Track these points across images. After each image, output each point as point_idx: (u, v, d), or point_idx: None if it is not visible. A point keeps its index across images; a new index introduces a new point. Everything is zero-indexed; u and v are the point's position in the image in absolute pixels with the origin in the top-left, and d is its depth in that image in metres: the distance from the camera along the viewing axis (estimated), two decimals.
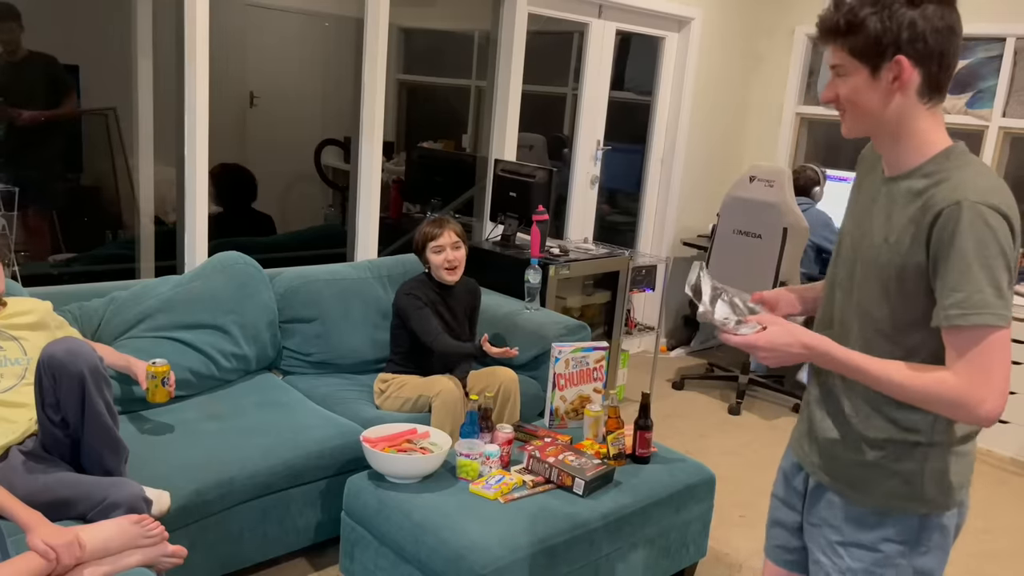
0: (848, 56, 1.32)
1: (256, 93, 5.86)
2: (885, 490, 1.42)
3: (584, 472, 2.32)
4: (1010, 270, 1.28)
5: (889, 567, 1.43)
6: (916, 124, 1.33)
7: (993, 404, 1.28)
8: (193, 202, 3.14)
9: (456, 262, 2.94)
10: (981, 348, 1.28)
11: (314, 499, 2.53)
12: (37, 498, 1.94)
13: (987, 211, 1.26)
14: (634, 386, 4.40)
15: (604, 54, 4.52)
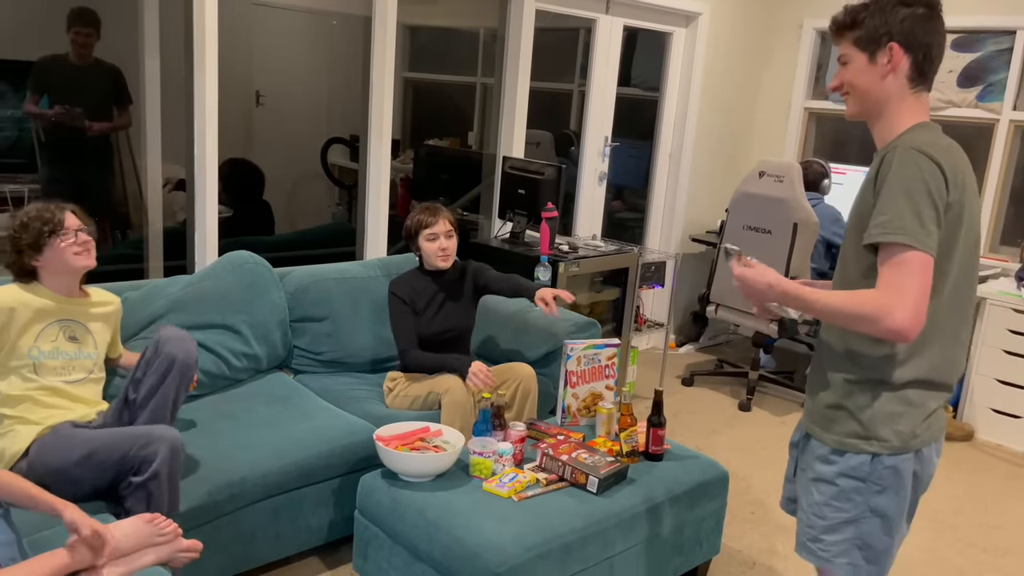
0: (852, 46, 1.60)
1: (262, 92, 5.87)
2: (844, 429, 1.62)
3: (598, 470, 2.31)
4: (936, 208, 1.47)
5: (846, 501, 1.62)
6: (902, 105, 1.59)
7: (902, 316, 1.44)
8: (203, 201, 3.14)
9: (450, 251, 2.91)
10: (897, 265, 1.46)
11: (326, 498, 2.53)
12: (74, 451, 2.06)
13: (918, 155, 1.48)
14: (644, 383, 4.39)
15: (612, 50, 4.50)
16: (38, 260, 2.22)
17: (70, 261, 2.24)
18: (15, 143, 4.66)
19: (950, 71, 4.51)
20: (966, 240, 1.57)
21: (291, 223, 5.93)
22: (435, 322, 2.90)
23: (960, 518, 3.25)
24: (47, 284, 2.25)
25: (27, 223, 2.20)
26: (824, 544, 1.66)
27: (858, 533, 1.63)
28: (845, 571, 1.66)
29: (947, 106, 4.55)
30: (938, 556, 2.96)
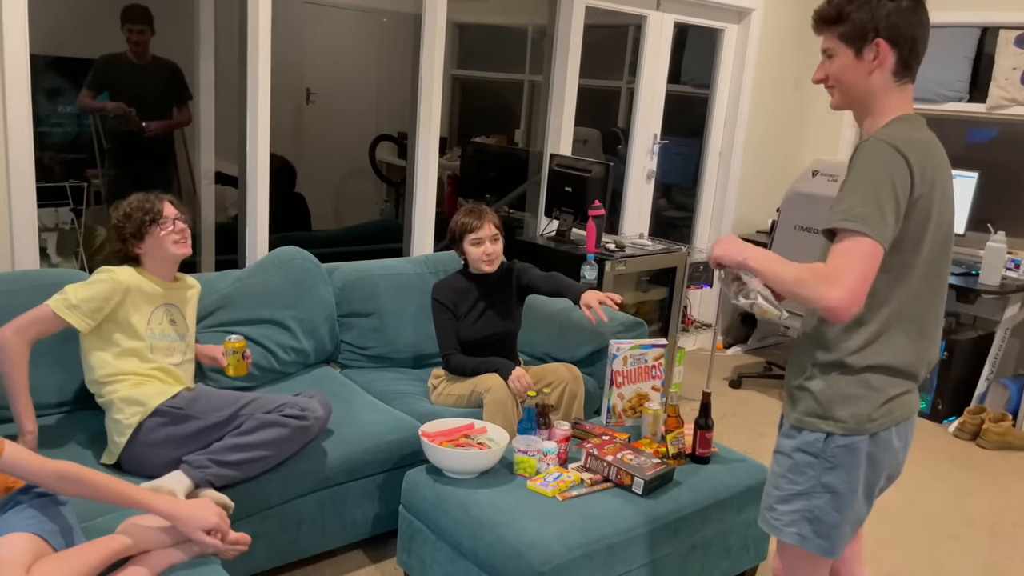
0: (838, 41, 1.61)
1: (313, 90, 5.95)
2: (804, 408, 1.69)
3: (643, 471, 2.28)
4: (897, 200, 1.50)
5: (799, 474, 1.69)
6: (887, 99, 1.61)
7: (840, 295, 1.47)
8: (255, 197, 3.19)
9: (495, 255, 2.86)
10: (846, 248, 1.50)
11: (371, 492, 2.55)
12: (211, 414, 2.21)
13: (887, 147, 1.51)
14: (690, 384, 4.34)
15: (662, 47, 4.45)
16: (140, 247, 2.34)
17: (169, 249, 2.35)
18: (75, 139, 4.80)
19: (1014, 68, 4.36)
20: (935, 235, 1.60)
21: (339, 219, 6.00)
22: (478, 326, 2.88)
23: (1019, 530, 3.14)
24: (149, 270, 2.36)
25: (129, 213, 2.32)
26: (777, 513, 1.74)
27: (808, 506, 1.69)
28: (793, 540, 1.72)
29: (1011, 104, 4.40)
30: (994, 568, 2.87)
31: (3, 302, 2.37)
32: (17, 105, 2.54)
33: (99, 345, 2.26)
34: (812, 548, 1.71)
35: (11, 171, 2.56)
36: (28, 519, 1.62)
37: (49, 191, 4.29)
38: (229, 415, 2.23)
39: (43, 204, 4.22)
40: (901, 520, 3.15)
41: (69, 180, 4.37)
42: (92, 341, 2.26)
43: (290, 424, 2.25)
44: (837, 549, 1.72)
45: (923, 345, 1.67)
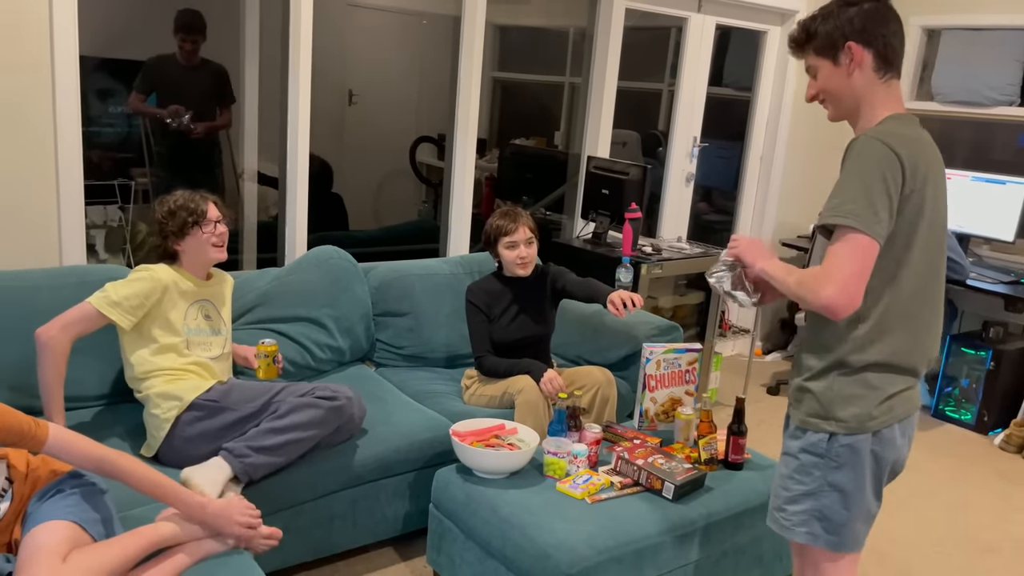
0: (814, 56, 1.69)
1: (355, 91, 6.02)
2: (807, 409, 1.72)
3: (674, 476, 2.27)
4: (890, 196, 1.55)
5: (806, 475, 1.72)
6: (874, 96, 1.66)
7: (833, 292, 1.53)
8: (295, 197, 3.24)
9: (529, 259, 2.86)
10: (840, 245, 1.55)
11: (403, 490, 2.57)
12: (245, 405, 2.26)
13: (878, 144, 1.56)
14: (727, 390, 4.29)
15: (703, 49, 4.42)
16: (180, 245, 2.39)
17: (208, 253, 2.41)
18: (125, 139, 4.93)
19: None
20: (929, 232, 1.64)
21: (379, 220, 6.05)
22: (511, 328, 2.89)
23: None
24: (186, 267, 2.41)
25: (174, 211, 2.37)
26: (786, 514, 1.77)
27: (817, 505, 1.72)
28: (804, 539, 1.75)
29: None
30: None
31: (51, 297, 2.44)
32: (67, 106, 2.61)
33: (138, 342, 2.32)
34: (824, 545, 1.73)
35: (60, 170, 2.64)
36: (69, 507, 1.67)
37: (98, 189, 4.41)
38: (263, 404, 2.27)
39: (92, 202, 4.36)
40: (942, 532, 3.08)
41: (117, 179, 4.49)
42: (132, 338, 2.32)
43: (323, 405, 2.28)
44: (849, 545, 1.74)
45: (922, 340, 1.70)
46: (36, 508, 1.66)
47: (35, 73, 2.55)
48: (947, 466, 3.69)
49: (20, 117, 2.55)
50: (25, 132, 2.57)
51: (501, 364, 2.81)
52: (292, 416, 2.24)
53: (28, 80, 2.55)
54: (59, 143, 2.62)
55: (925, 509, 3.26)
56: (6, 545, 1.65)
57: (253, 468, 2.19)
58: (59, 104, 2.60)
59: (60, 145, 2.62)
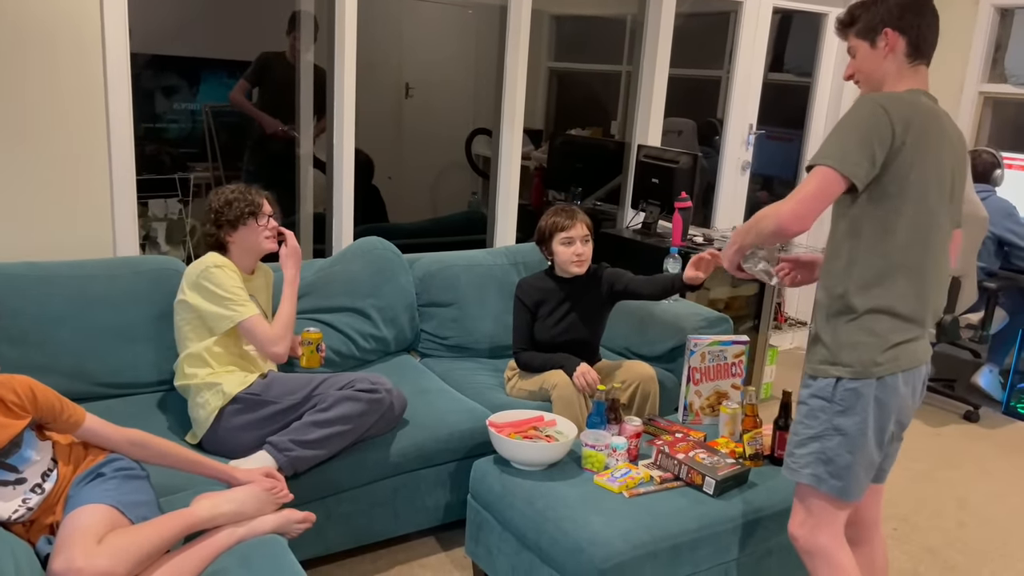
0: (855, 38, 1.87)
1: (411, 84, 6.05)
2: (817, 357, 1.86)
3: (715, 471, 2.21)
4: (870, 144, 1.69)
5: (813, 419, 1.85)
6: (901, 79, 1.83)
7: (787, 208, 1.70)
8: (340, 189, 3.27)
9: (585, 257, 2.79)
10: (807, 177, 1.72)
11: (444, 480, 2.57)
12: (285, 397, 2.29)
13: (870, 101, 1.73)
14: (782, 385, 4.17)
15: (759, 34, 4.29)
16: (232, 236, 2.42)
17: (261, 244, 2.45)
18: (189, 134, 5.06)
19: None
20: (926, 188, 1.75)
21: (435, 211, 6.09)
22: (557, 330, 2.83)
23: None
24: (235, 258, 2.44)
25: (231, 201, 2.40)
26: (795, 457, 1.89)
27: (822, 448, 1.84)
28: (809, 480, 1.86)
29: None
30: None
31: (105, 287, 2.53)
32: (118, 101, 2.68)
33: (202, 332, 2.35)
34: (827, 488, 1.84)
35: (113, 164, 2.72)
36: (108, 491, 1.72)
37: (159, 183, 4.55)
38: (303, 396, 2.29)
39: (154, 196, 4.49)
40: (1007, 533, 2.93)
41: (177, 173, 4.62)
42: (197, 327, 2.35)
43: (363, 397, 2.30)
44: (851, 491, 1.85)
45: (924, 292, 1.80)
46: (76, 491, 1.71)
47: (87, 68, 2.63)
48: (1019, 464, 3.52)
49: (74, 112, 2.63)
50: (79, 127, 2.65)
51: (536, 359, 2.78)
52: (334, 410, 2.26)
53: (81, 75, 2.63)
54: (112, 138, 2.69)
55: (994, 513, 3.11)
56: (48, 527, 1.71)
57: (297, 461, 2.22)
58: (111, 100, 2.67)
59: (113, 140, 2.70)
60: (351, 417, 2.28)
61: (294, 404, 2.29)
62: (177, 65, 4.94)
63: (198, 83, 5.07)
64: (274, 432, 2.26)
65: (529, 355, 2.80)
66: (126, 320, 2.53)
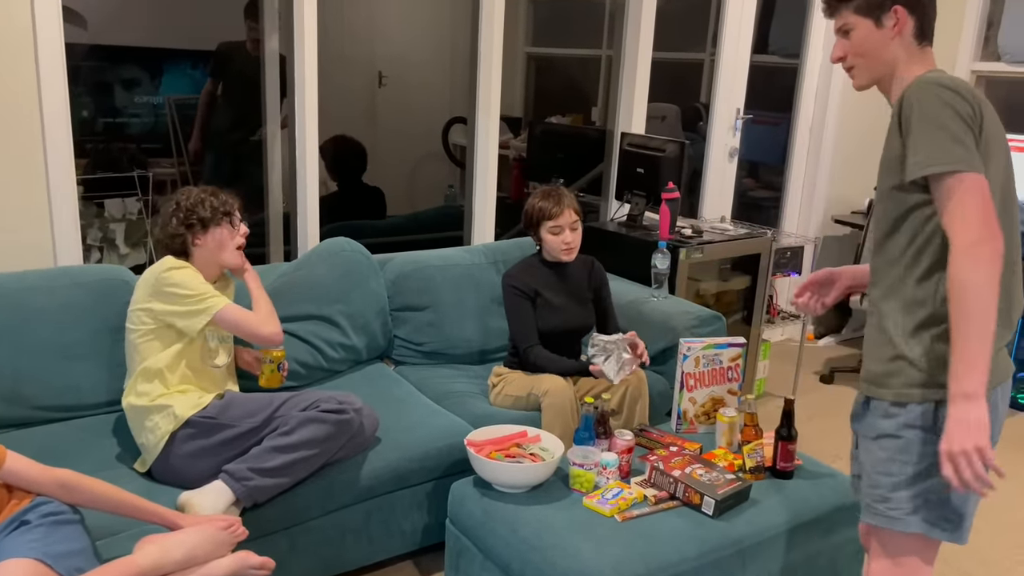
0: (853, 15, 1.61)
1: (384, 73, 5.83)
2: (903, 380, 1.56)
3: (715, 489, 2.03)
4: (970, 127, 1.46)
5: (912, 454, 1.55)
6: (911, 64, 1.60)
7: (975, 237, 1.41)
8: (304, 186, 3.05)
9: (574, 245, 2.65)
10: (950, 193, 1.44)
11: (421, 501, 2.38)
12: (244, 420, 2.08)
13: (935, 86, 1.48)
14: (776, 380, 4.02)
15: (744, 14, 4.10)
16: (200, 240, 2.19)
17: (230, 252, 2.25)
18: (152, 129, 4.81)
19: None
20: (998, 169, 1.54)
21: (413, 205, 5.88)
22: (555, 318, 2.66)
23: None
24: (196, 265, 2.21)
25: (203, 199, 2.18)
26: (893, 503, 1.58)
27: (931, 486, 1.55)
28: (920, 528, 1.57)
29: None
30: None
31: (45, 300, 2.31)
32: (53, 98, 2.45)
33: (156, 345, 2.14)
34: (940, 535, 1.57)
35: (50, 165, 2.48)
36: (33, 542, 1.52)
37: (117, 182, 4.31)
38: (263, 419, 2.09)
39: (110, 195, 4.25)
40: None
41: (136, 170, 4.38)
42: (149, 341, 2.14)
43: (329, 419, 2.10)
44: (966, 532, 1.58)
45: (1012, 291, 1.58)
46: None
47: (16, 62, 2.39)
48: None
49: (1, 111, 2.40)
50: (8, 127, 2.41)
51: (552, 362, 2.57)
52: (297, 433, 2.06)
53: (9, 70, 2.39)
54: (47, 137, 2.46)
55: (1010, 520, 2.96)
56: None
57: (257, 491, 2.02)
58: (45, 97, 2.43)
59: (48, 139, 2.46)
60: (316, 441, 2.08)
61: (253, 427, 2.09)
62: (137, 56, 4.69)
63: (161, 75, 4.83)
64: (231, 459, 2.06)
65: (544, 356, 2.58)
66: (68, 336, 2.31)
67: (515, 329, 2.65)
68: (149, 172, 4.35)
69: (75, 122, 2.50)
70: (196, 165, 4.53)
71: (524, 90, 6.21)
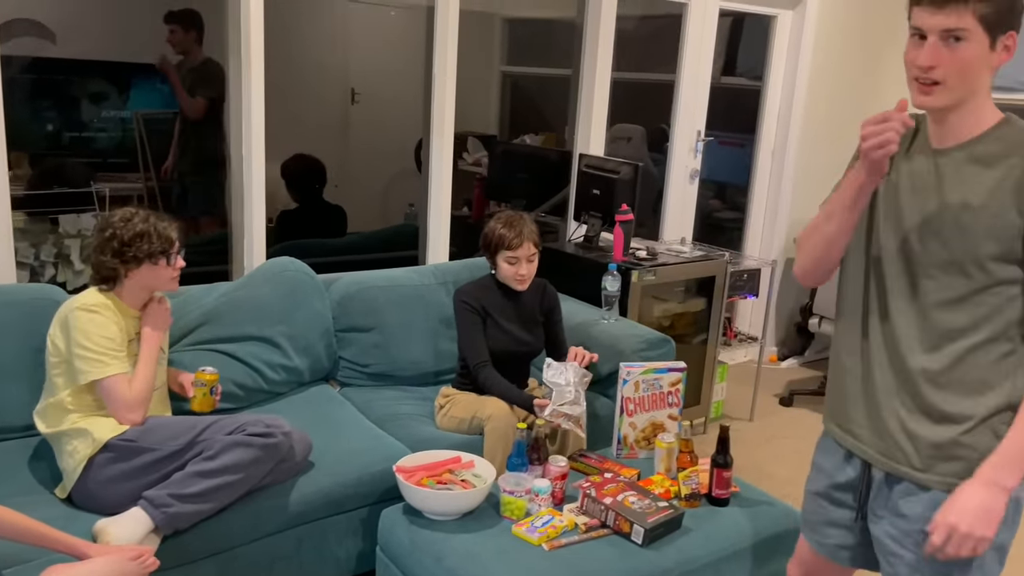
0: (976, 22, 1.30)
1: (357, 90, 5.81)
2: (955, 469, 1.40)
3: (645, 517, 2.00)
4: None
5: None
6: (986, 95, 1.37)
7: None
8: (251, 204, 3.02)
9: (528, 277, 2.62)
10: None
11: (355, 528, 2.33)
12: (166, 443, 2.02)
13: None
14: (735, 402, 4.00)
15: (705, 36, 4.11)
16: (134, 273, 2.13)
17: (165, 286, 2.20)
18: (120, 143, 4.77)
19: None
20: None
21: (386, 221, 5.85)
22: (502, 339, 2.63)
23: None
24: (124, 295, 2.16)
25: (142, 234, 2.11)
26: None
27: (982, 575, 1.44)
28: None
29: None
30: None
31: None
32: None
33: (67, 375, 2.09)
34: None
35: None
36: None
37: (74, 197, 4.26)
38: (187, 442, 2.04)
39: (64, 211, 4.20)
40: None
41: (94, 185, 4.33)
42: (62, 370, 2.09)
43: (255, 443, 2.05)
44: None
45: None
46: None
47: None
48: None
49: None
50: None
51: (500, 387, 2.52)
52: (221, 457, 2.01)
53: None
54: None
55: None
56: None
57: (177, 518, 1.97)
58: None
59: None
60: (241, 465, 2.03)
61: (176, 451, 2.04)
62: (105, 70, 4.66)
63: (128, 89, 4.80)
64: (153, 484, 2.01)
65: (492, 374, 2.53)
66: None
67: (464, 345, 2.62)
68: (106, 187, 4.31)
69: (39, 136, 2.44)
70: (165, 181, 4.51)
71: (500, 108, 6.22)
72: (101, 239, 2.13)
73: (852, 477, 1.57)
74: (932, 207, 1.40)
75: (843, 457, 1.59)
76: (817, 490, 1.66)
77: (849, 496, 1.59)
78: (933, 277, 1.40)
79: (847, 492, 1.59)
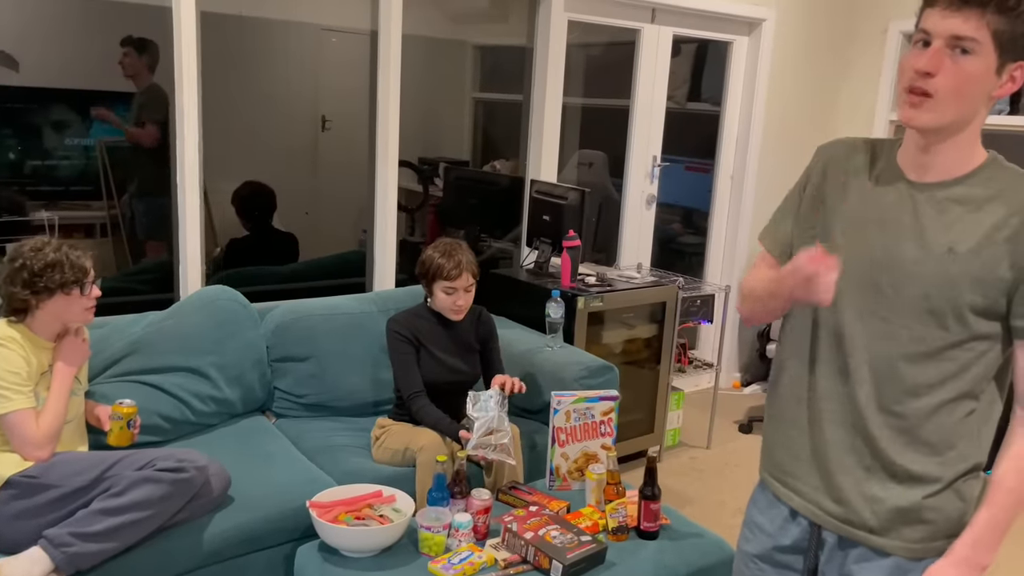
0: (989, 36, 1.15)
1: (328, 117, 5.79)
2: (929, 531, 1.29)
3: (564, 553, 1.94)
4: None
5: None
6: (975, 131, 1.25)
7: None
8: (184, 231, 2.97)
9: (464, 307, 2.58)
10: None
11: (277, 565, 2.26)
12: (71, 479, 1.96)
13: None
14: (692, 429, 3.95)
15: (659, 62, 4.12)
16: (46, 304, 2.07)
17: (79, 317, 2.14)
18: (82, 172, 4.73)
19: None
20: None
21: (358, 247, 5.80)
22: (436, 368, 2.58)
23: None
24: (36, 326, 2.10)
25: (54, 264, 2.05)
26: None
27: None
28: None
29: None
30: None
31: None
32: None
33: None
34: None
35: None
36: None
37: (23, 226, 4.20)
38: (93, 478, 1.98)
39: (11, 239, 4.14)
40: None
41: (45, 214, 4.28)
42: None
43: (165, 478, 1.98)
44: None
45: None
46: None
47: None
48: None
49: None
50: None
51: (433, 415, 2.46)
52: (128, 494, 1.95)
53: None
54: None
55: None
56: None
57: (79, 558, 1.90)
58: None
59: None
60: (150, 502, 1.97)
61: (81, 487, 1.97)
62: (68, 99, 4.62)
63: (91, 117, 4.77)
64: (56, 522, 1.94)
65: (425, 404, 2.48)
66: None
67: (398, 375, 2.56)
68: (55, 215, 4.25)
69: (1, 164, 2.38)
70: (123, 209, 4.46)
71: (472, 135, 6.20)
72: (11, 269, 2.07)
73: (799, 539, 1.41)
74: (910, 249, 1.26)
75: (786, 516, 1.42)
76: (757, 552, 1.46)
77: (797, 559, 1.42)
78: (906, 327, 1.26)
79: (794, 555, 1.42)
